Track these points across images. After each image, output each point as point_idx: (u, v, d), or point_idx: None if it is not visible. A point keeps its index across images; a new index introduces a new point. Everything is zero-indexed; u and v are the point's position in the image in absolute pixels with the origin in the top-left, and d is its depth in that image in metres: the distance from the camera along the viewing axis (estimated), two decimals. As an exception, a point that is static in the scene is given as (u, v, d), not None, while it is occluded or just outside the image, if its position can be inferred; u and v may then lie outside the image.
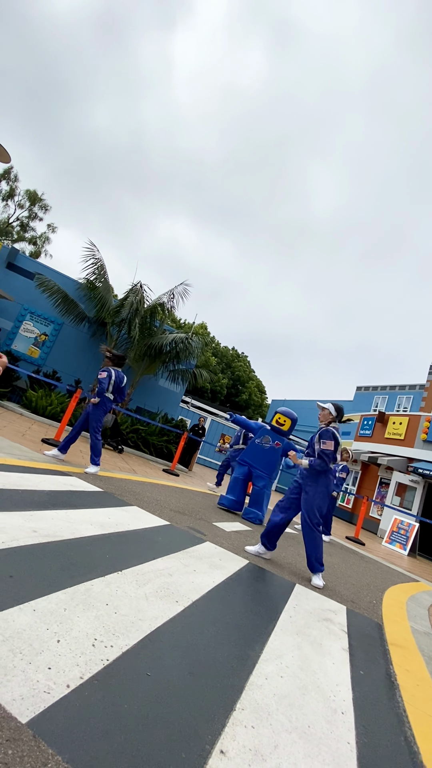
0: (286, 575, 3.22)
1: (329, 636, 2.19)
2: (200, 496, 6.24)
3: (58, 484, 3.42)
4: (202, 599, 2.02)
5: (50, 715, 0.96)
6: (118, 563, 2.08)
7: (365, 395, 24.83)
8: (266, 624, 2.03)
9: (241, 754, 1.07)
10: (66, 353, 11.67)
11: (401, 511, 10.57)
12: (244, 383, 40.52)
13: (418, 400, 20.54)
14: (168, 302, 11.23)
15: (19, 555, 1.75)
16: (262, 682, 1.46)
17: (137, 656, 1.33)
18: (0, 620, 1.24)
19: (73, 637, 1.31)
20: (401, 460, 13.70)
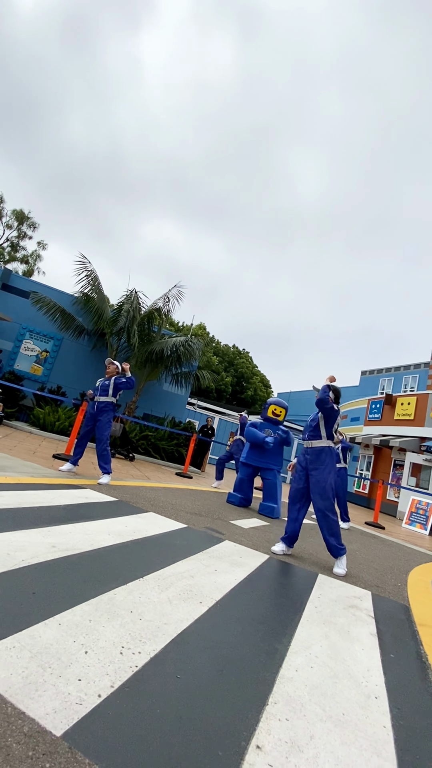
0: (308, 566, 3.22)
1: (356, 622, 2.19)
2: (215, 496, 6.25)
3: (73, 497, 3.44)
4: (225, 598, 2.02)
5: (84, 726, 0.97)
6: (138, 570, 2.09)
7: (370, 379, 24.70)
8: (292, 616, 2.03)
9: (277, 747, 1.08)
10: (69, 368, 11.73)
11: (418, 491, 10.50)
12: (248, 379, 40.48)
13: (424, 378, 20.40)
14: (164, 306, 11.25)
15: (41, 571, 1.77)
16: (292, 674, 1.47)
17: (166, 660, 1.34)
18: (26, 636, 1.26)
19: (101, 647, 1.32)
20: (413, 440, 13.62)
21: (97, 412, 4.93)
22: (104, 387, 5.00)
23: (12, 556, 1.85)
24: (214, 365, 36.22)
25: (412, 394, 14.83)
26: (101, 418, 4.92)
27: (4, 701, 0.97)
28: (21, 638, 1.24)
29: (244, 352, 43.14)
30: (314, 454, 3.40)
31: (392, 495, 14.06)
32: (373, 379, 24.48)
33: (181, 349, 10.65)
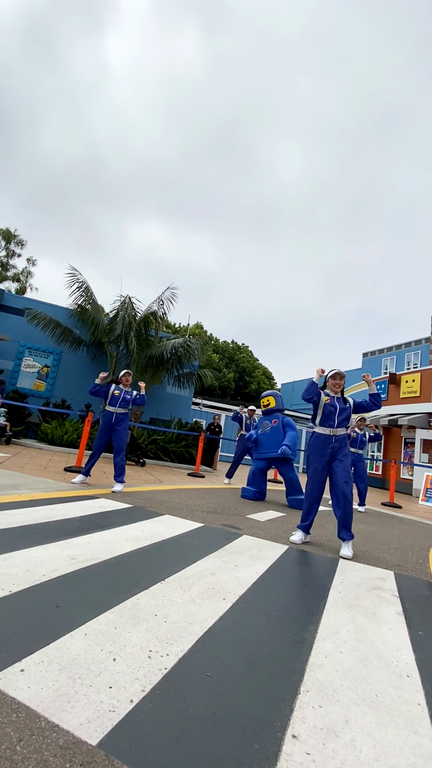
0: (328, 553, 3.22)
1: (381, 603, 2.19)
2: (229, 493, 6.26)
3: (88, 508, 3.46)
4: (248, 592, 2.03)
5: (119, 733, 0.97)
6: (159, 573, 2.09)
7: (373, 360, 24.59)
8: (316, 604, 2.03)
9: (313, 734, 1.08)
10: (71, 380, 11.77)
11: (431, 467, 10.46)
12: (250, 374, 40.43)
13: (426, 354, 20.28)
14: (159, 309, 11.25)
15: (62, 584, 1.78)
16: (321, 661, 1.47)
17: (194, 660, 1.34)
18: (54, 650, 1.26)
19: (128, 652, 1.32)
20: (421, 416, 13.55)
21: (115, 423, 4.99)
22: (125, 399, 5.04)
23: (32, 572, 1.86)
24: (215, 363, 36.20)
25: (416, 371, 14.75)
26: (119, 428, 4.98)
27: (38, 716, 0.98)
28: (48, 652, 1.25)
29: (244, 346, 43.07)
30: (340, 441, 3.46)
31: (406, 473, 14.02)
32: (375, 360, 24.37)
33: (180, 350, 10.64)
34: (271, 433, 6.01)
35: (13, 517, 2.78)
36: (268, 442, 6.00)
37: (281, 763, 0.96)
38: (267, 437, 6.05)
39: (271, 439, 5.99)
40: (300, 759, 0.98)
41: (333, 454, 3.44)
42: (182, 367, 11.57)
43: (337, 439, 3.45)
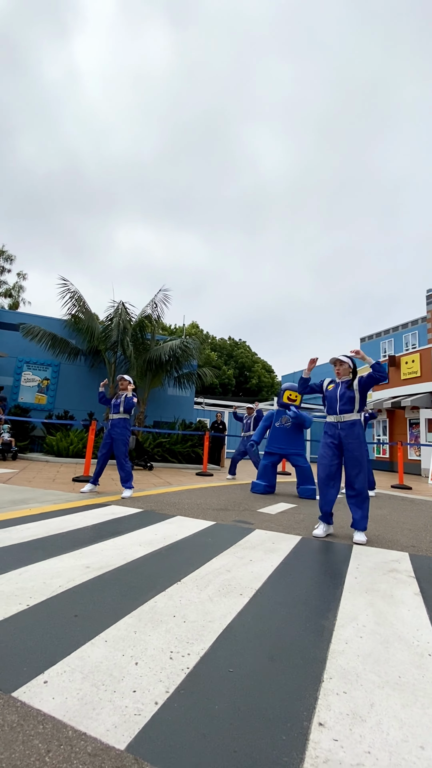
0: (341, 540, 3.22)
1: (398, 585, 2.19)
2: (238, 489, 6.27)
3: (99, 516, 3.47)
4: (264, 586, 2.03)
5: (146, 735, 0.98)
6: (175, 574, 2.10)
7: (371, 344, 24.56)
8: (333, 591, 2.04)
9: (339, 721, 1.08)
10: (72, 391, 11.79)
11: (438, 445, 10.45)
12: (250, 368, 40.43)
13: (423, 333, 20.25)
14: (153, 312, 11.24)
15: (79, 593, 1.78)
16: (342, 647, 1.47)
17: (216, 657, 1.35)
18: (76, 659, 1.27)
19: (150, 655, 1.33)
20: (424, 396, 13.54)
21: (111, 429, 4.91)
22: (116, 404, 4.97)
23: (48, 584, 1.87)
24: (213, 361, 36.20)
25: (415, 351, 14.72)
26: (114, 434, 4.88)
27: (64, 726, 0.98)
28: (70, 662, 1.26)
29: (242, 342, 43.05)
30: (348, 428, 3.37)
31: (413, 454, 14.02)
32: (373, 344, 24.35)
33: (178, 351, 10.64)
34: (291, 429, 5.96)
35: (26, 532, 2.79)
36: (286, 437, 5.96)
37: (309, 752, 0.96)
38: (285, 432, 5.97)
39: (290, 434, 5.95)
40: (328, 746, 0.99)
41: (342, 441, 3.38)
42: (181, 368, 11.57)
43: (342, 426, 3.38)
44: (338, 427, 3.41)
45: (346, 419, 3.39)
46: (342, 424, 3.39)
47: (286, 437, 5.95)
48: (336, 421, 3.42)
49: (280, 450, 5.95)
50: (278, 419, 6.11)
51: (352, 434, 3.35)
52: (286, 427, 5.99)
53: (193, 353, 11.11)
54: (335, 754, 0.96)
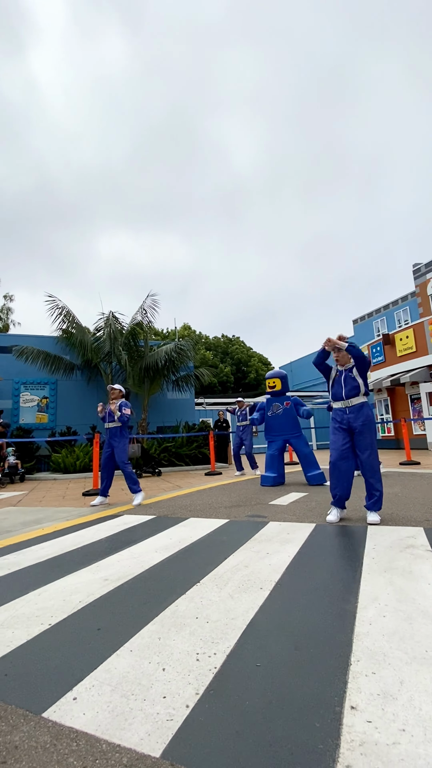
0: (355, 522, 3.23)
1: (416, 561, 2.19)
2: (248, 484, 6.27)
3: (113, 527, 3.46)
4: (284, 577, 2.03)
5: (181, 739, 0.98)
6: (193, 576, 2.10)
7: (363, 325, 24.58)
8: (352, 574, 2.04)
9: (371, 702, 1.08)
10: (72, 406, 11.76)
11: (442, 417, 10.47)
12: (246, 363, 40.41)
13: (414, 308, 20.27)
14: (143, 319, 11.22)
15: (99, 607, 1.78)
16: (367, 629, 1.47)
17: (242, 653, 1.35)
18: (103, 672, 1.27)
19: (176, 660, 1.33)
20: (421, 371, 13.57)
21: (110, 438, 4.89)
22: (110, 412, 4.94)
23: (68, 600, 1.87)
24: (209, 361, 36.17)
25: (408, 327, 14.74)
26: (113, 442, 4.85)
27: (97, 740, 0.98)
28: (98, 675, 1.25)
29: (235, 338, 43.03)
30: (356, 411, 3.41)
31: (418, 429, 14.05)
32: (366, 325, 24.36)
33: (173, 354, 10.63)
34: (284, 415, 6.02)
35: (41, 551, 2.79)
36: (281, 424, 6.01)
37: (344, 736, 0.96)
38: (279, 419, 6.03)
39: (283, 421, 6.00)
40: (362, 728, 0.99)
41: (351, 425, 3.40)
42: (178, 371, 11.56)
43: (351, 410, 3.41)
44: (346, 412, 3.44)
45: (354, 403, 3.42)
46: (350, 408, 3.42)
47: (280, 423, 6.03)
48: (344, 406, 3.46)
49: (280, 435, 6.00)
50: (269, 408, 6.18)
51: (361, 416, 3.39)
52: (278, 414, 6.07)
53: (188, 355, 11.11)
54: (370, 736, 0.96)
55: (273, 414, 6.09)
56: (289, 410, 6.01)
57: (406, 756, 0.90)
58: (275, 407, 6.09)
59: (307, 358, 29.63)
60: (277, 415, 6.06)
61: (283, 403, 6.06)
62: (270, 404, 6.18)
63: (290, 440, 5.97)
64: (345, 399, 3.45)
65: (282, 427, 6.01)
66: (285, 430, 5.99)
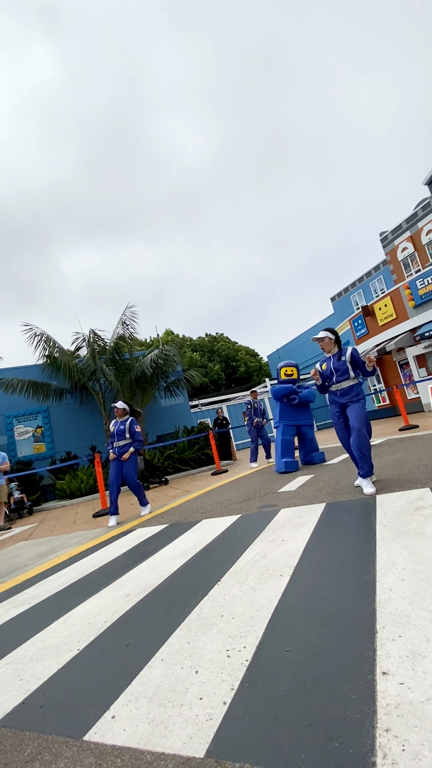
0: (362, 495, 3.26)
1: (427, 521, 2.23)
2: (256, 476, 6.30)
3: (128, 543, 3.46)
4: (301, 561, 2.05)
5: (222, 736, 0.99)
6: (213, 576, 2.11)
7: (342, 301, 24.78)
8: (367, 545, 2.07)
9: (402, 665, 1.10)
10: (68, 431, 11.67)
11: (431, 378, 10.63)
12: (234, 358, 40.48)
13: (388, 276, 20.49)
14: (124, 332, 11.17)
15: (125, 623, 1.78)
16: (388, 595, 1.50)
17: (270, 642, 1.36)
18: (137, 686, 1.27)
19: (207, 660, 1.34)
20: (405, 336, 13.74)
21: (119, 455, 4.95)
22: (120, 431, 5.02)
23: (93, 623, 1.86)
24: (197, 361, 36.15)
25: (385, 296, 14.90)
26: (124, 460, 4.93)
27: (141, 752, 0.99)
28: (133, 690, 1.26)
29: (220, 335, 43.05)
30: (346, 391, 3.70)
31: (411, 393, 14.23)
32: (344, 300, 24.56)
33: (159, 361, 10.60)
34: (299, 403, 6.36)
35: (59, 580, 2.77)
36: (296, 412, 6.36)
37: (380, 702, 0.98)
38: (293, 407, 6.36)
39: (297, 409, 6.37)
40: (396, 691, 1.01)
41: (341, 403, 3.72)
42: (167, 377, 11.54)
43: (341, 392, 3.72)
44: (338, 395, 3.74)
45: (344, 385, 3.70)
46: (341, 390, 3.72)
47: (295, 411, 6.36)
48: (336, 389, 3.76)
49: (295, 421, 6.30)
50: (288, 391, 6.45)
51: (350, 394, 3.67)
52: (294, 402, 6.37)
53: (174, 359, 11.09)
54: (404, 697, 0.99)
55: (287, 402, 6.40)
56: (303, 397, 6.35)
57: (440, 709, 0.92)
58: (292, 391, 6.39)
59: (293, 342, 29.79)
60: (293, 402, 6.38)
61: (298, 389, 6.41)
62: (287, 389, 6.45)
63: (302, 428, 6.28)
64: (336, 383, 3.75)
65: (296, 413, 6.34)
66: (300, 418, 6.32)
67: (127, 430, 5.01)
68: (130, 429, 5.02)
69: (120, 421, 5.12)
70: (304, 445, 6.28)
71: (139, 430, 5.08)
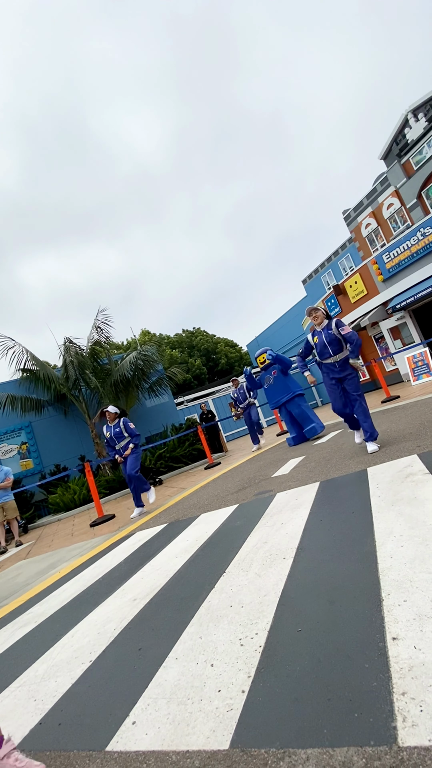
0: (354, 467, 3.33)
1: (417, 486, 2.29)
2: (249, 464, 6.34)
3: (128, 548, 3.43)
4: (302, 541, 2.08)
5: (245, 724, 0.99)
6: (218, 568, 2.11)
7: (313, 283, 25.02)
8: (364, 516, 2.11)
9: (410, 627, 1.13)
10: (54, 443, 11.44)
11: (407, 348, 10.90)
12: (214, 351, 40.46)
13: (354, 253, 20.78)
14: (100, 336, 10.97)
15: (135, 628, 1.77)
16: (389, 563, 1.53)
17: (281, 625, 1.37)
18: (154, 688, 1.26)
19: (222, 652, 1.34)
20: (377, 310, 14.01)
21: (123, 455, 5.32)
22: (117, 434, 5.32)
23: (103, 632, 1.84)
24: (177, 358, 35.96)
25: (354, 273, 15.11)
26: (127, 457, 5.28)
27: (166, 754, 0.98)
28: (150, 693, 1.25)
29: (197, 329, 42.89)
30: (342, 364, 4.07)
31: (389, 365, 14.57)
32: (315, 282, 24.79)
33: (139, 362, 10.49)
34: (276, 383, 6.85)
35: (63, 594, 2.72)
36: (276, 390, 6.83)
37: (393, 667, 1.00)
38: (273, 387, 6.89)
39: (277, 386, 6.82)
40: (408, 654, 1.03)
41: (339, 376, 4.09)
42: (149, 378, 11.44)
43: (339, 363, 4.07)
44: (335, 366, 4.08)
45: (339, 358, 4.05)
46: (338, 362, 4.07)
47: (277, 389, 6.82)
48: (333, 362, 4.08)
49: (284, 398, 6.72)
50: (262, 380, 7.08)
51: (347, 368, 4.08)
52: (271, 384, 6.89)
53: (154, 358, 10.99)
54: (416, 659, 1.01)
55: (268, 385, 6.93)
56: (278, 377, 6.78)
57: (451, 665, 0.95)
58: (267, 379, 6.92)
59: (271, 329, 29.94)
60: (271, 385, 6.88)
61: (271, 373, 6.87)
62: (263, 378, 7.05)
63: (286, 405, 6.67)
64: (333, 355, 4.06)
65: (279, 391, 6.80)
66: (282, 392, 6.77)
67: (124, 430, 5.33)
68: (126, 428, 5.34)
69: (113, 425, 5.37)
70: (294, 423, 6.58)
71: (133, 426, 5.38)
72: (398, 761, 0.77)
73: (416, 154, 15.82)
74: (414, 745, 0.80)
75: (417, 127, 15.50)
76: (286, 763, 0.85)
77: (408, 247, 12.38)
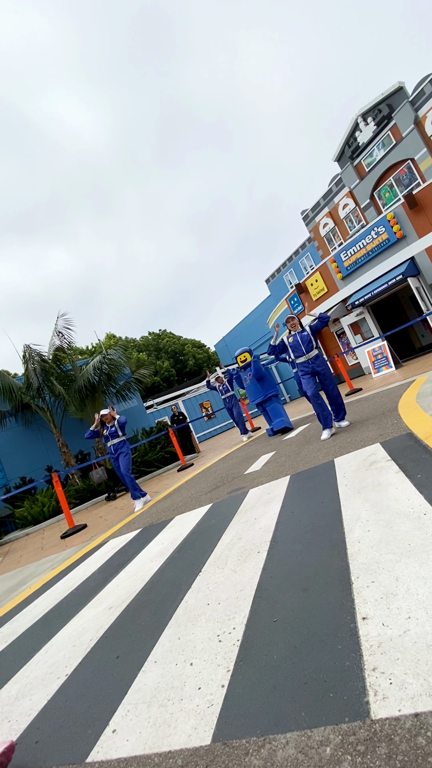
0: (322, 458, 3.44)
1: (381, 472, 2.40)
2: (221, 463, 6.37)
3: (102, 556, 3.35)
4: (275, 534, 2.12)
5: (226, 718, 1.00)
6: (194, 569, 2.11)
7: (276, 282, 25.52)
8: (332, 506, 2.18)
9: (378, 606, 1.18)
10: (17, 455, 10.96)
11: (367, 342, 11.37)
12: (182, 352, 40.29)
13: (314, 252, 21.40)
14: (61, 342, 10.64)
15: (112, 636, 1.73)
16: (357, 547, 1.60)
17: (258, 617, 1.40)
18: (134, 694, 1.25)
19: (200, 649, 1.34)
20: (338, 307, 14.50)
21: (115, 453, 5.66)
22: (112, 433, 5.70)
23: (79, 644, 1.79)
24: (145, 361, 35.49)
25: (314, 271, 15.56)
26: (119, 456, 5.62)
27: (148, 757, 0.97)
28: (130, 699, 1.23)
29: (163, 331, 42.54)
30: (315, 359, 4.83)
31: (351, 360, 15.13)
32: (278, 281, 25.30)
33: (104, 367, 10.26)
34: (252, 383, 7.34)
35: (35, 610, 2.62)
36: (256, 389, 7.33)
37: (364, 645, 1.05)
38: (251, 388, 7.39)
39: (257, 385, 7.32)
40: (377, 631, 1.09)
41: (315, 370, 4.80)
42: (116, 382, 11.22)
43: (311, 360, 4.82)
44: (310, 362, 4.81)
45: (312, 354, 4.81)
46: (312, 359, 4.81)
47: (256, 388, 7.32)
48: (307, 359, 4.82)
49: (262, 397, 7.25)
50: (243, 378, 7.57)
51: (320, 363, 4.85)
52: (249, 384, 7.37)
53: (120, 362, 10.80)
54: (384, 635, 1.06)
55: (247, 384, 7.41)
56: (253, 380, 7.25)
57: (417, 638, 1.01)
58: (245, 379, 7.42)
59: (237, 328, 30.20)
60: (248, 386, 7.37)
61: (248, 375, 7.33)
62: (245, 375, 7.49)
63: (270, 399, 7.16)
64: (306, 354, 4.82)
65: (258, 390, 7.31)
66: (256, 395, 7.31)
67: (119, 429, 5.72)
68: (121, 428, 5.73)
69: (110, 426, 5.74)
70: (268, 418, 7.15)
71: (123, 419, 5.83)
72: (371, 733, 0.81)
73: (367, 157, 16.54)
74: (385, 716, 0.84)
75: (367, 131, 16.20)
76: (267, 750, 0.87)
77: (363, 246, 12.91)
